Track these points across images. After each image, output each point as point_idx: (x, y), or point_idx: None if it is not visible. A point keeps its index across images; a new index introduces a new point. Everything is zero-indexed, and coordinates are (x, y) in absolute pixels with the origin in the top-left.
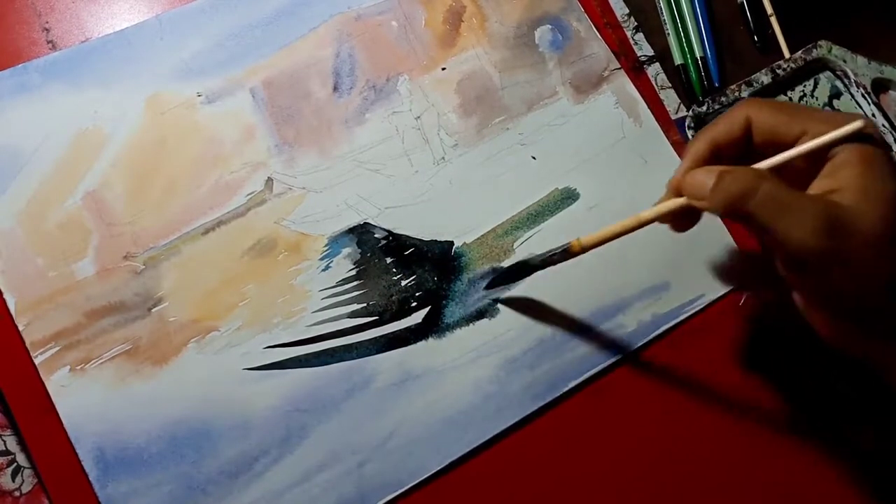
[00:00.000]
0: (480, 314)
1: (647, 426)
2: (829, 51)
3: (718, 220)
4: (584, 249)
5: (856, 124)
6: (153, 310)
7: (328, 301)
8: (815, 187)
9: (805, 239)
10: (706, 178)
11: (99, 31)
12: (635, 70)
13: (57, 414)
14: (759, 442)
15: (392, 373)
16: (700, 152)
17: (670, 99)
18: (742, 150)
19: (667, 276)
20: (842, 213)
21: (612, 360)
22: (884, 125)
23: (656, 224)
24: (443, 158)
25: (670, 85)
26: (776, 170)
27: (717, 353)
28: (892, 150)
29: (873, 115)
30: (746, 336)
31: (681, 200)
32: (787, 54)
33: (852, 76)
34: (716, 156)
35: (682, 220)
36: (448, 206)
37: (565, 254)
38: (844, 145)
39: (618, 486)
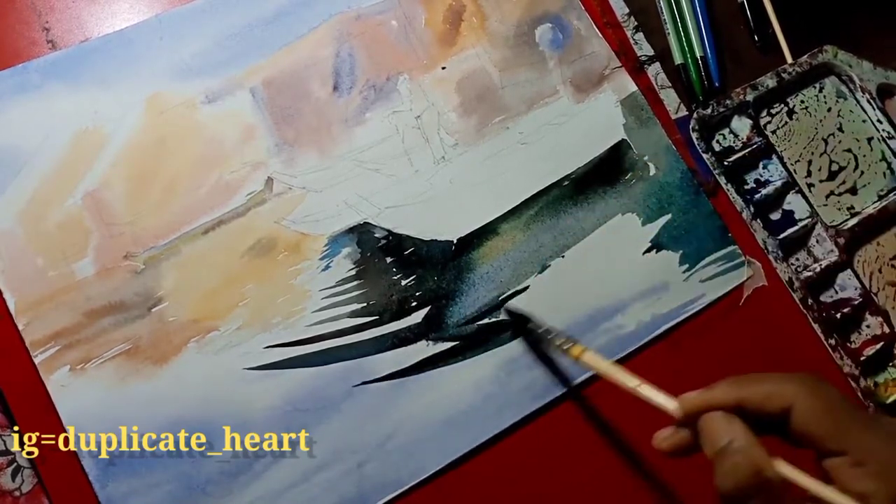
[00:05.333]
0: (480, 314)
1: (647, 426)
2: (835, 55)
3: (719, 221)
4: (577, 361)
5: None
6: (153, 309)
7: (328, 301)
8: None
9: None
10: (721, 436)
11: (99, 31)
12: (636, 70)
13: (57, 414)
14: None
15: (392, 373)
16: (724, 401)
17: (670, 99)
18: (775, 422)
19: (666, 277)
20: None
21: (612, 360)
22: (888, 131)
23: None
24: (443, 158)
25: (670, 85)
26: None
27: (717, 353)
28: None
29: (878, 120)
30: (746, 336)
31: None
32: (787, 54)
33: (857, 81)
34: (739, 410)
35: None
36: (448, 206)
37: (564, 350)
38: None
39: (618, 485)
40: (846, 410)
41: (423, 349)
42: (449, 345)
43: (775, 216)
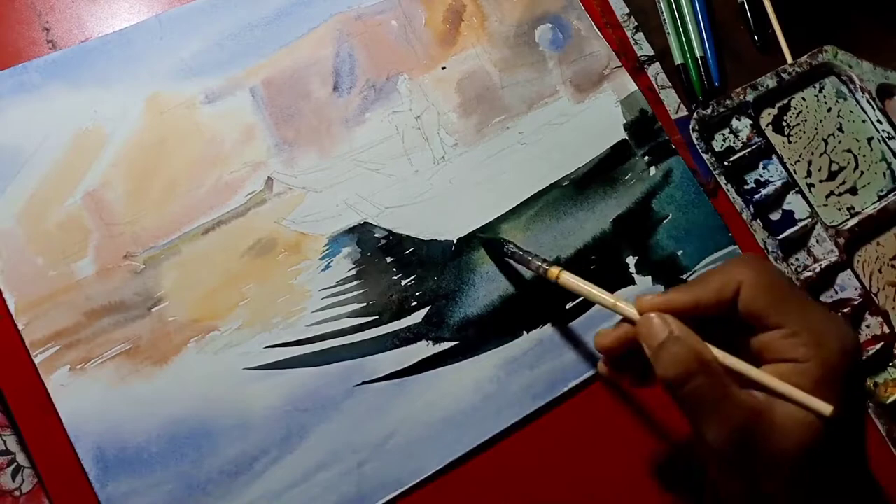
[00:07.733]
0: (480, 314)
1: (648, 426)
2: (835, 56)
3: (719, 221)
4: (557, 284)
5: (825, 409)
6: (153, 309)
7: (328, 301)
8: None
9: (716, 442)
10: (659, 331)
11: (99, 31)
12: (636, 70)
13: (57, 414)
14: None
15: (392, 373)
16: (683, 303)
17: (670, 99)
18: (727, 310)
19: (666, 277)
20: (764, 428)
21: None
22: (888, 131)
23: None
24: (443, 158)
25: (670, 85)
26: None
27: None
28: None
29: (878, 120)
30: None
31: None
32: (787, 54)
33: (857, 81)
34: (695, 311)
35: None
36: (448, 206)
37: (542, 272)
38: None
39: (618, 485)
40: (786, 287)
41: (424, 349)
42: (449, 345)
43: (775, 216)
